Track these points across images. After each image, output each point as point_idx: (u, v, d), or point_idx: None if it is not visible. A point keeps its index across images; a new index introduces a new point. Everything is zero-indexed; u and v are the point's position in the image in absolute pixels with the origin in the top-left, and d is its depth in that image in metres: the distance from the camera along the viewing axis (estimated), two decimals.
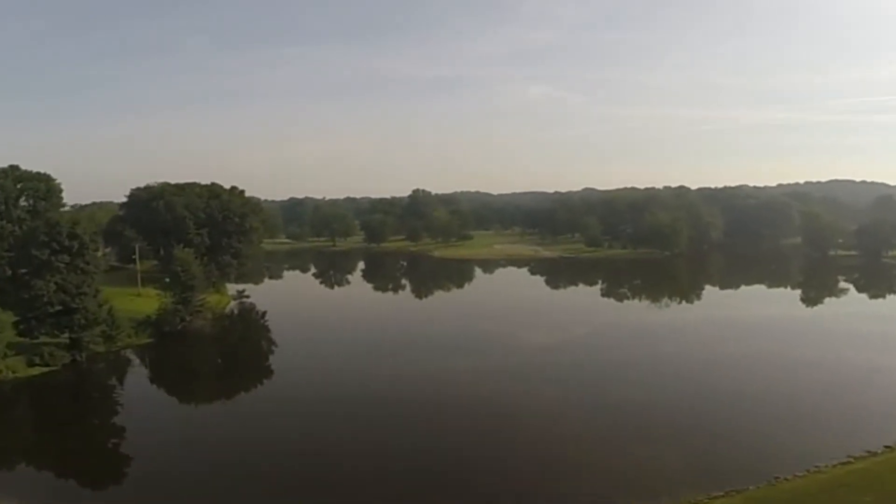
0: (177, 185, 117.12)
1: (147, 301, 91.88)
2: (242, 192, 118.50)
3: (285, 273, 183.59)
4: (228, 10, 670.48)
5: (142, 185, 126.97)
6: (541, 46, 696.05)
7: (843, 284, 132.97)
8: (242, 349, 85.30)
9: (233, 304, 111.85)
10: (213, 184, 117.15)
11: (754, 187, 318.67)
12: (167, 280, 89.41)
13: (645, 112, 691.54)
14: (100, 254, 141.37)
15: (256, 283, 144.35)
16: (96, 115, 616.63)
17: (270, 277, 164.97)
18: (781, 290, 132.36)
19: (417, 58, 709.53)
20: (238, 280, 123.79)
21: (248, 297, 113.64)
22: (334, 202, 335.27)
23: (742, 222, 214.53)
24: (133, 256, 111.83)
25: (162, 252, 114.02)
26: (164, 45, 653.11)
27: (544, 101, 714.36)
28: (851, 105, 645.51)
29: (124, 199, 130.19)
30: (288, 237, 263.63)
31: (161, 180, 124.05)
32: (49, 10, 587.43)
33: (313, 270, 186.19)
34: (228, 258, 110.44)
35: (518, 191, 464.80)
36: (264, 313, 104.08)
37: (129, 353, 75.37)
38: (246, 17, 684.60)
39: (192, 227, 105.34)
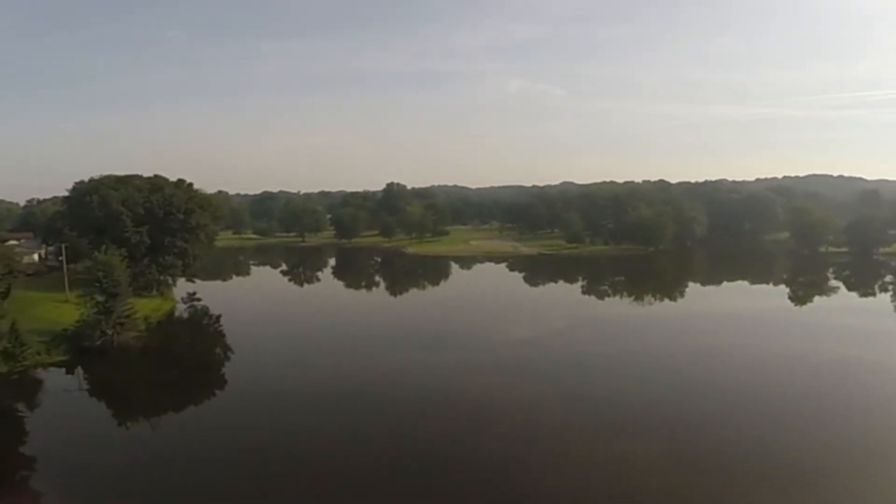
0: (117, 178, 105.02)
1: (73, 309, 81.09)
2: (190, 185, 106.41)
3: (253, 269, 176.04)
4: (209, 1, 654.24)
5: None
6: (523, 40, 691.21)
7: (834, 283, 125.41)
8: (181, 365, 72.70)
9: (182, 307, 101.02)
10: (155, 176, 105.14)
11: (733, 182, 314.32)
12: (97, 286, 78.34)
13: (625, 106, 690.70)
14: (38, 255, 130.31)
15: (224, 280, 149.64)
16: (65, 109, 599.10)
17: (238, 274, 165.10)
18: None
19: (398, 51, 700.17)
20: (198, 278, 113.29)
21: (199, 299, 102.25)
22: (307, 196, 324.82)
23: (725, 217, 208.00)
24: (60, 258, 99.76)
25: None
26: (141, 38, 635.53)
27: (525, 95, 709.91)
28: (828, 101, 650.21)
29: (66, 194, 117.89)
30: (255, 232, 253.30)
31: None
32: (26, 3, 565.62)
33: (283, 267, 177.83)
34: (171, 259, 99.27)
35: (496, 185, 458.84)
36: (218, 318, 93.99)
37: (40, 373, 64.32)
38: (227, 8, 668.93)
39: (129, 225, 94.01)
